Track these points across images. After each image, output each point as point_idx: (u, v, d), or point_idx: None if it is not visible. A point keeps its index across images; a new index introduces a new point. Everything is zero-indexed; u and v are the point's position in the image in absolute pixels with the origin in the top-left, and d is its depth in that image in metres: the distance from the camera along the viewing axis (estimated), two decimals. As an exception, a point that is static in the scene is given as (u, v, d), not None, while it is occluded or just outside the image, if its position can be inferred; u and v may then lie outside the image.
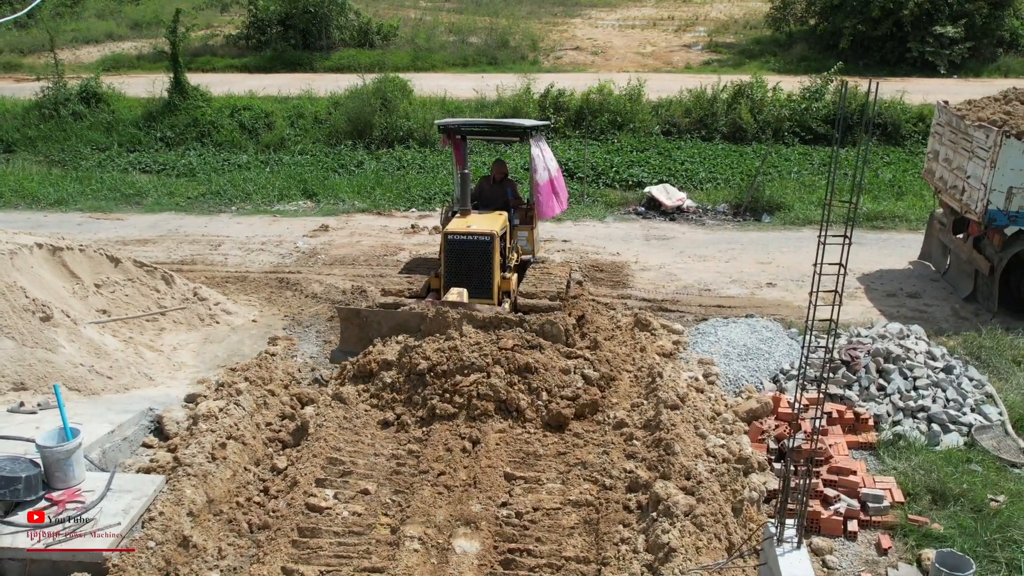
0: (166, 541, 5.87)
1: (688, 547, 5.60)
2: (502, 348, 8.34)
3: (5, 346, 8.04)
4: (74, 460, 6.16)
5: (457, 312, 8.76)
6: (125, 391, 8.35)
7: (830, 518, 6.86)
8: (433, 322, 8.70)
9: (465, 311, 8.82)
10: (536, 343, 8.56)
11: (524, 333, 8.63)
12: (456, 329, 8.58)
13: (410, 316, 8.91)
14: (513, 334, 8.54)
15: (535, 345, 8.54)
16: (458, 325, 8.63)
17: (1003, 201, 10.47)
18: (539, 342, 8.58)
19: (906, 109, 20.09)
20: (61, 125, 21.28)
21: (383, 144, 20.05)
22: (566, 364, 8.39)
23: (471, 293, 9.49)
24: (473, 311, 8.85)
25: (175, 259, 12.96)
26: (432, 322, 8.70)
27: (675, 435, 6.91)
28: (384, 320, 9.00)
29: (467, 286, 9.50)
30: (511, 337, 8.48)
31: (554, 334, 8.70)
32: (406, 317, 8.93)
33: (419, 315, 8.85)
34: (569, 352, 8.69)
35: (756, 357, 9.09)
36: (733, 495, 6.49)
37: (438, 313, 8.73)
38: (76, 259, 9.84)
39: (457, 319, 8.67)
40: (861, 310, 11.24)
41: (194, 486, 6.41)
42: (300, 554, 6.29)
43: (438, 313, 8.73)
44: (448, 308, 8.83)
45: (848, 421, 8.10)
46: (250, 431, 7.50)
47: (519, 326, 8.69)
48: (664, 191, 16.13)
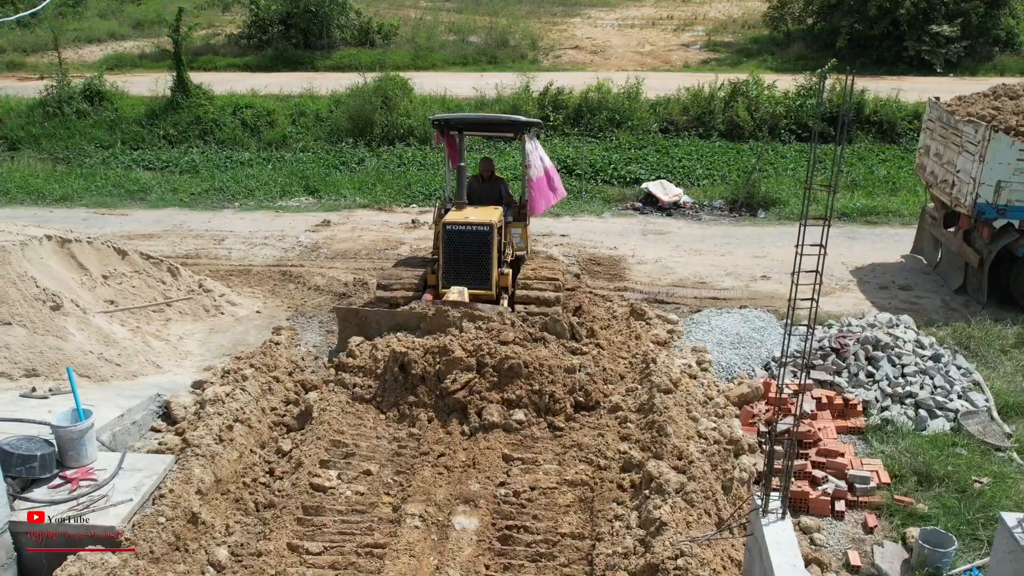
0: (176, 517, 6.09)
1: (679, 522, 5.82)
2: (503, 342, 8.28)
3: (17, 334, 8.26)
4: (87, 440, 6.38)
5: (458, 311, 8.71)
6: (133, 378, 8.56)
7: (818, 498, 7.08)
8: (433, 321, 8.63)
9: (466, 310, 8.76)
10: (540, 336, 8.55)
11: (528, 328, 8.59)
12: (457, 328, 8.51)
13: (410, 315, 8.81)
14: (515, 332, 8.45)
15: (539, 338, 8.52)
16: (459, 324, 8.55)
17: (992, 195, 10.68)
18: (543, 336, 8.58)
19: (902, 107, 20.32)
20: (65, 123, 21.50)
21: (384, 142, 20.28)
22: (571, 362, 8.27)
23: (470, 285, 9.47)
24: (475, 310, 8.77)
25: (180, 253, 13.18)
26: (432, 321, 8.63)
27: (668, 418, 7.13)
28: (383, 320, 8.91)
29: (466, 278, 9.49)
30: (512, 331, 8.41)
31: (558, 331, 8.68)
32: (406, 316, 8.82)
33: (419, 315, 8.75)
34: (574, 348, 8.64)
35: (748, 345, 9.31)
36: (723, 475, 6.71)
37: (438, 312, 8.66)
38: (84, 251, 10.05)
39: (458, 318, 8.61)
40: (853, 302, 11.46)
41: (202, 466, 6.63)
42: (305, 531, 6.51)
43: (438, 312, 8.66)
44: (448, 307, 8.75)
45: (837, 407, 8.31)
46: (256, 415, 7.72)
47: (523, 323, 8.64)
48: (661, 187, 16.35)
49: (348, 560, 6.19)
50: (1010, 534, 2.70)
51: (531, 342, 8.47)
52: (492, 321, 8.61)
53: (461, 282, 9.56)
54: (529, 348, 8.33)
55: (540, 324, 8.72)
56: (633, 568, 5.65)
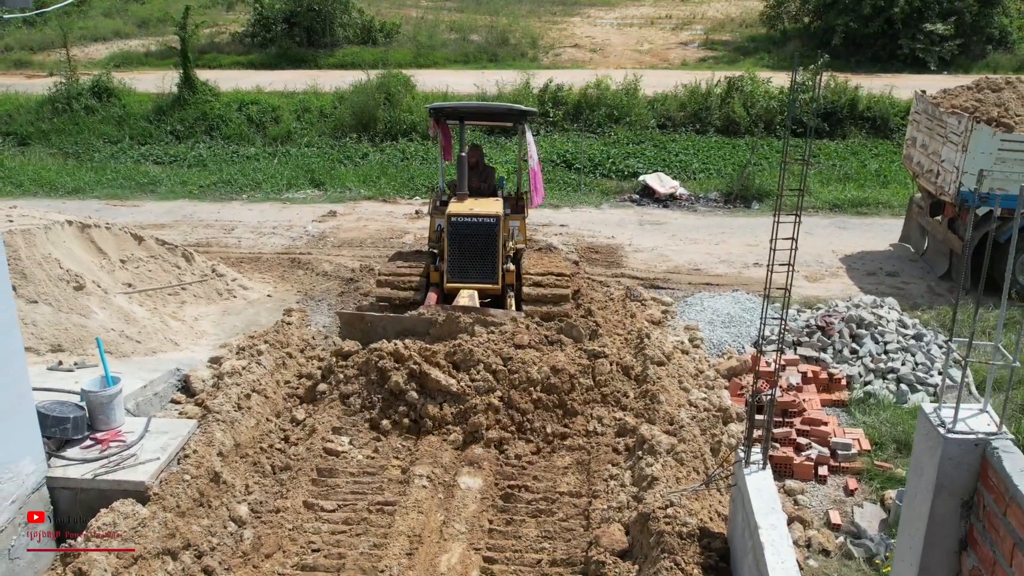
0: (200, 476, 6.51)
1: (669, 478, 6.25)
2: (518, 345, 8.03)
3: (43, 311, 8.69)
4: (115, 404, 6.81)
5: (469, 317, 8.37)
6: (153, 354, 8.99)
7: (802, 463, 7.50)
8: (443, 327, 8.30)
9: (478, 316, 8.42)
10: (556, 339, 8.29)
11: (544, 331, 8.35)
12: (468, 333, 8.20)
13: (418, 321, 8.43)
14: (530, 336, 8.19)
15: (555, 341, 8.26)
16: (471, 330, 8.24)
17: (974, 183, 11.10)
18: (559, 339, 8.31)
19: (895, 103, 20.75)
20: (74, 119, 21.93)
21: (387, 137, 20.71)
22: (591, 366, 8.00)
23: (476, 279, 9.23)
24: (486, 316, 8.43)
25: (191, 241, 13.60)
26: (442, 327, 8.30)
27: (660, 387, 7.57)
28: (390, 325, 8.50)
29: (472, 272, 9.25)
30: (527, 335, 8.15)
31: (575, 335, 8.40)
32: (414, 322, 8.44)
33: (428, 320, 8.37)
34: (595, 352, 8.27)
35: (739, 324, 9.74)
36: (712, 439, 7.14)
37: (448, 319, 8.32)
38: (103, 236, 10.48)
39: (469, 324, 8.29)
40: (842, 287, 11.89)
41: (223, 431, 7.06)
42: (319, 491, 6.95)
43: (448, 319, 8.32)
44: (459, 313, 8.41)
45: (822, 381, 8.74)
46: (271, 387, 8.15)
47: (538, 327, 8.39)
48: (658, 179, 16.78)
49: (360, 516, 6.62)
50: (926, 418, 3.14)
51: (547, 346, 8.22)
52: (504, 326, 8.35)
53: (467, 276, 9.37)
54: (545, 353, 8.07)
55: (556, 328, 8.46)
56: (626, 520, 6.09)
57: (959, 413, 3.05)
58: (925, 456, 3.11)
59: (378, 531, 6.43)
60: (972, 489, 2.98)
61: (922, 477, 3.16)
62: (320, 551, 6.27)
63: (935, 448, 3.00)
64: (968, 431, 2.99)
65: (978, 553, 2.97)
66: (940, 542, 3.07)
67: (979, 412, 3.12)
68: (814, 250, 13.25)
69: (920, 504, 3.14)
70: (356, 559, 6.12)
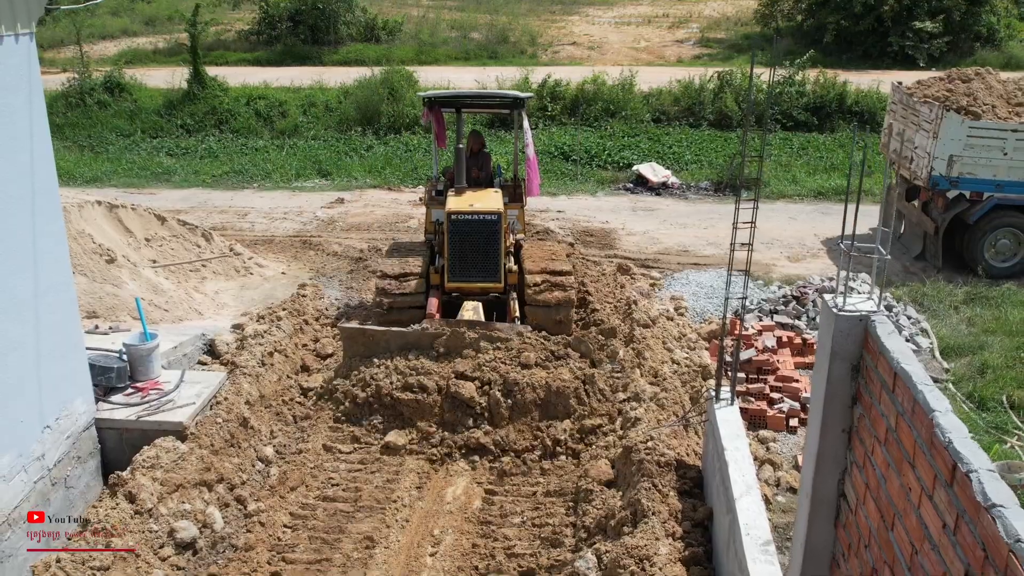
0: (230, 420, 7.27)
1: (651, 420, 7.00)
2: (524, 365, 7.89)
3: (79, 281, 9.40)
4: (154, 357, 7.56)
5: (475, 332, 8.19)
6: (179, 322, 9.74)
7: (774, 416, 8.25)
8: (448, 342, 8.13)
9: (484, 331, 8.23)
10: (563, 355, 8.12)
11: (551, 346, 8.16)
12: (474, 349, 8.07)
13: (421, 335, 8.22)
14: (536, 353, 8.04)
15: (561, 356, 8.09)
16: (476, 346, 8.07)
17: (945, 168, 11.85)
18: (567, 353, 8.15)
19: (882, 98, 21.46)
20: (87, 113, 22.68)
21: (390, 131, 21.47)
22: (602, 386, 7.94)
23: (478, 278, 9.07)
24: (492, 331, 8.23)
25: (207, 225, 14.32)
26: (447, 343, 8.13)
27: (645, 345, 8.32)
28: (393, 339, 8.25)
29: (473, 271, 9.07)
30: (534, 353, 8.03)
31: (583, 350, 8.23)
32: (417, 337, 8.22)
33: (432, 335, 8.18)
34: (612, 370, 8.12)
35: (721, 296, 10.44)
36: (691, 390, 7.88)
37: (454, 334, 8.15)
38: (129, 216, 11.24)
39: (475, 339, 8.11)
40: (822, 267, 12.63)
41: (249, 383, 7.82)
42: (337, 436, 7.70)
43: (454, 334, 8.15)
44: (464, 327, 8.24)
45: (796, 345, 9.48)
46: (290, 348, 8.90)
47: (545, 342, 8.19)
48: (651, 168, 17.53)
49: (374, 457, 7.37)
50: (825, 303, 3.95)
51: (553, 361, 8.06)
52: (511, 341, 8.17)
53: (468, 275, 9.15)
54: (551, 371, 7.94)
55: (564, 343, 8.26)
56: (612, 456, 6.83)
57: (852, 300, 3.86)
58: (824, 331, 3.95)
59: (390, 469, 7.18)
60: (858, 356, 3.80)
61: (822, 349, 4.01)
62: (339, 485, 7.02)
63: (830, 324, 3.83)
64: (855, 310, 3.80)
65: (863, 403, 3.82)
66: (836, 398, 3.90)
67: (867, 299, 3.93)
68: (797, 234, 13.99)
69: (821, 369, 4.00)
70: (371, 492, 6.87)
